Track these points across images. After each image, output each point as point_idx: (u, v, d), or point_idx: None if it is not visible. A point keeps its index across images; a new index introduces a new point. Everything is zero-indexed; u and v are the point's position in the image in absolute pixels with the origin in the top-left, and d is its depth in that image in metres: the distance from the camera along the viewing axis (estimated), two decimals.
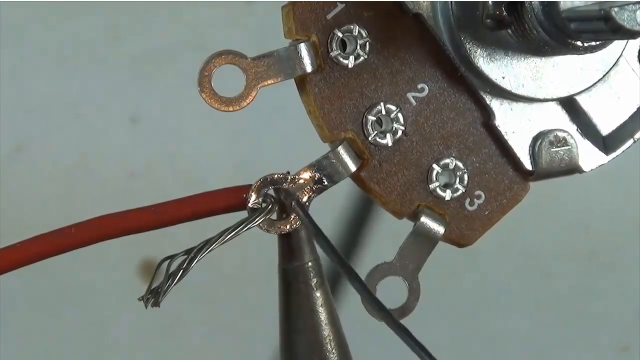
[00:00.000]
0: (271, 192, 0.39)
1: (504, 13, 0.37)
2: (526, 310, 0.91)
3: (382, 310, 0.37)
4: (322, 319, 0.39)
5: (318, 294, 0.39)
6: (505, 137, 0.40)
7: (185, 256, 0.38)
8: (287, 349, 0.40)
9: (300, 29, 0.39)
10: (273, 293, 0.41)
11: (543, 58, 0.40)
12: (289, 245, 0.40)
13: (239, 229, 0.38)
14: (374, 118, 0.39)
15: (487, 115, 0.40)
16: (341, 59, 0.39)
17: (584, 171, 0.41)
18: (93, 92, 0.89)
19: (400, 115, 0.39)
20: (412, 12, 0.39)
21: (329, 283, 0.41)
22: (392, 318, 0.36)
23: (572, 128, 0.41)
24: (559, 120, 0.41)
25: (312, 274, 0.39)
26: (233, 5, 0.90)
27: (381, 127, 0.39)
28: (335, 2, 0.39)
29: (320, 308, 0.39)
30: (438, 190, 0.40)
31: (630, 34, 0.34)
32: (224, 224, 0.39)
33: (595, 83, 0.40)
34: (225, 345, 0.89)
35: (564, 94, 0.40)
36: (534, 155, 0.40)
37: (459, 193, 0.40)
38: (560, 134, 0.41)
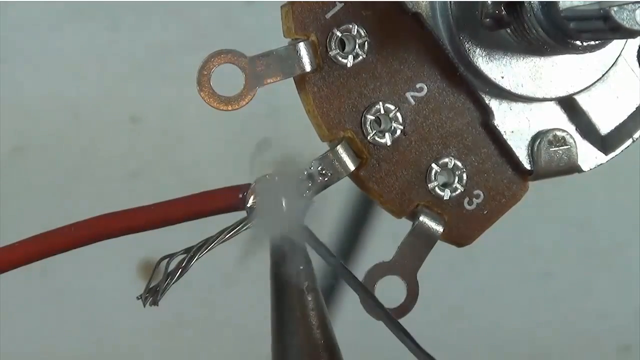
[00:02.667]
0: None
1: (503, 12, 0.37)
2: (526, 310, 0.91)
3: (379, 307, 0.37)
4: (314, 322, 0.39)
5: (310, 298, 0.39)
6: (504, 136, 0.40)
7: (185, 255, 0.38)
8: (278, 352, 0.39)
9: (299, 28, 0.39)
10: None
11: (542, 58, 0.40)
12: (281, 248, 0.39)
13: (238, 228, 0.38)
14: (373, 117, 0.39)
15: (486, 114, 0.40)
16: (340, 58, 0.39)
17: (583, 171, 0.41)
18: (93, 92, 0.89)
19: (399, 115, 0.39)
20: (411, 12, 0.39)
21: (326, 287, 0.41)
22: (388, 315, 0.36)
23: (571, 128, 0.41)
24: (558, 119, 0.41)
25: (303, 277, 0.39)
26: (233, 5, 0.90)
27: (380, 126, 0.39)
28: (334, 1, 0.39)
29: (312, 312, 0.39)
30: (437, 189, 0.40)
31: (629, 33, 0.34)
32: (224, 224, 0.39)
33: (594, 83, 0.40)
34: (225, 345, 0.89)
35: (563, 93, 0.40)
36: (532, 154, 0.40)
37: (457, 192, 0.40)
38: (559, 134, 0.41)
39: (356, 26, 0.39)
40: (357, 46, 0.39)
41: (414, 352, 0.36)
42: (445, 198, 0.40)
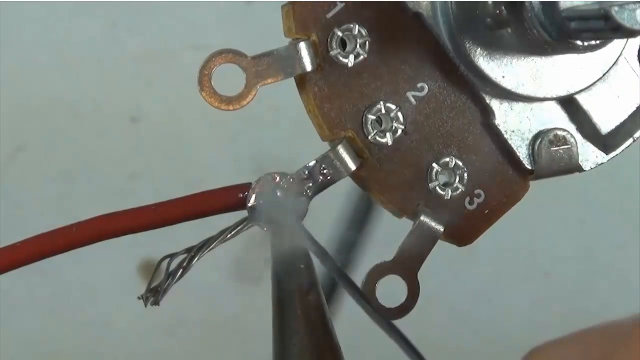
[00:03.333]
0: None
1: (504, 12, 0.37)
2: (526, 310, 0.91)
3: (371, 309, 0.37)
4: (315, 321, 0.39)
5: (311, 297, 0.39)
6: (505, 136, 0.40)
7: (185, 255, 0.38)
8: (279, 352, 0.39)
9: (300, 28, 0.39)
10: None
11: (543, 57, 0.40)
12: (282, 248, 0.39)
13: (239, 228, 0.38)
14: (374, 117, 0.39)
15: (487, 114, 0.40)
16: (341, 58, 0.39)
17: (583, 170, 0.41)
18: (93, 92, 0.89)
19: (400, 114, 0.40)
20: (412, 12, 0.39)
21: (327, 287, 0.40)
22: (379, 314, 0.36)
23: (571, 127, 0.41)
24: (559, 119, 0.41)
25: (304, 276, 0.39)
26: (233, 5, 0.90)
27: (381, 126, 0.39)
28: (335, 1, 0.39)
29: (313, 311, 0.39)
30: (438, 189, 0.40)
31: (630, 33, 0.34)
32: (224, 224, 0.39)
33: (595, 82, 0.40)
34: (226, 344, 0.89)
35: (563, 93, 0.40)
36: (533, 154, 0.40)
37: (458, 192, 0.40)
38: (560, 133, 0.41)
39: (357, 26, 0.39)
40: (358, 46, 0.39)
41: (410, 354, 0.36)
42: (446, 197, 0.40)
